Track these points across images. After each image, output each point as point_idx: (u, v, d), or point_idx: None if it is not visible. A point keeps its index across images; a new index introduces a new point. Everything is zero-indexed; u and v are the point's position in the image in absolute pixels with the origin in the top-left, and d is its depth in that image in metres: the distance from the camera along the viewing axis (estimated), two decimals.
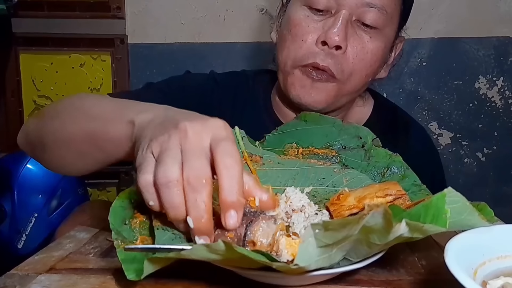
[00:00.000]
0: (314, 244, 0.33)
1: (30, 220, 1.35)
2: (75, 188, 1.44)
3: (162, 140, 0.42)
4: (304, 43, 0.72)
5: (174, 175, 0.39)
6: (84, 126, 0.57)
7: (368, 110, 0.88)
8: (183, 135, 0.41)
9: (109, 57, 1.54)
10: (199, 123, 0.43)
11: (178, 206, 0.40)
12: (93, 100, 0.63)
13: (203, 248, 0.34)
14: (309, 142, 0.64)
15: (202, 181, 0.39)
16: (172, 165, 0.40)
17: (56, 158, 0.63)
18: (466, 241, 0.37)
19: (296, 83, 0.74)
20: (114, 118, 0.53)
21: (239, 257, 0.34)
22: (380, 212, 0.30)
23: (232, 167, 0.40)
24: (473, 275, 0.35)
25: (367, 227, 0.32)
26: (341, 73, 0.72)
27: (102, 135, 0.54)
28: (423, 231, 0.34)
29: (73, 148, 0.59)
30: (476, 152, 1.56)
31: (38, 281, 0.46)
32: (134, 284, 0.44)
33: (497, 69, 1.51)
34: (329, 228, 0.31)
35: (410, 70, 1.53)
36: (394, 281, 0.46)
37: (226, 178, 0.39)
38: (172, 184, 0.39)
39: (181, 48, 1.53)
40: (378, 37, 0.73)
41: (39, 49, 1.56)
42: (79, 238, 0.58)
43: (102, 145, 0.55)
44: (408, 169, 0.60)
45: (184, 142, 0.41)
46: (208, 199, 0.39)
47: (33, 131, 0.67)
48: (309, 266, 0.35)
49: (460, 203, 0.37)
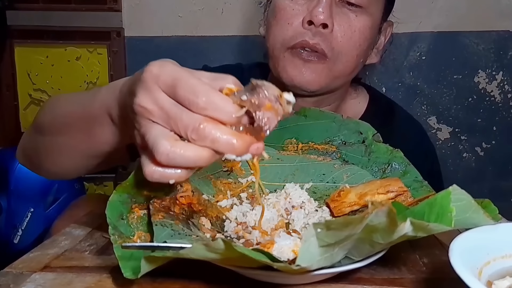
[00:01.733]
0: (316, 243, 0.32)
1: (26, 215, 1.34)
2: (71, 182, 1.42)
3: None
4: (290, 25, 0.72)
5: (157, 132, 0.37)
6: (68, 117, 0.57)
7: (363, 104, 0.87)
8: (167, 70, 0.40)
9: (105, 50, 1.53)
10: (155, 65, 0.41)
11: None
12: (68, 96, 0.65)
13: (202, 247, 0.33)
14: (309, 138, 0.63)
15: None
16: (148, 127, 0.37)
17: (48, 163, 0.64)
18: (470, 240, 0.36)
19: (287, 65, 0.73)
20: (96, 95, 0.52)
21: (238, 256, 0.33)
22: (384, 210, 0.29)
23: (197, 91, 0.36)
24: (478, 274, 0.34)
25: (371, 226, 0.31)
26: (331, 51, 0.71)
27: (86, 114, 0.53)
28: (428, 230, 0.33)
29: (63, 145, 0.59)
30: (475, 147, 1.55)
31: (32, 280, 0.45)
32: (131, 283, 0.43)
33: (497, 63, 1.50)
34: (331, 227, 0.30)
35: (410, 64, 1.51)
36: (396, 280, 0.45)
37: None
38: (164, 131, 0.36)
39: (178, 42, 1.51)
40: (363, 16, 0.72)
41: (35, 42, 1.53)
42: (74, 235, 0.57)
43: (87, 126, 0.53)
44: (410, 165, 0.60)
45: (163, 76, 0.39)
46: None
47: (27, 145, 0.69)
48: (311, 266, 0.34)
49: (465, 201, 0.36)
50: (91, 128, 0.53)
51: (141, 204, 0.49)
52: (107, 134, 0.51)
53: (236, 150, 0.35)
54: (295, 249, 0.42)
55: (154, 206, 0.48)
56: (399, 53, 1.51)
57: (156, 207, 0.48)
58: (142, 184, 0.50)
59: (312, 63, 0.71)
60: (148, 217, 0.48)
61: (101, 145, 0.54)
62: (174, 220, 0.46)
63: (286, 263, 0.34)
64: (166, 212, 0.47)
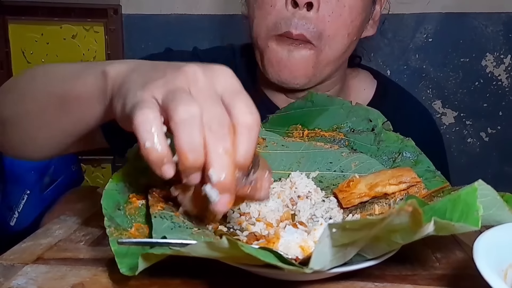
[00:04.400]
0: (329, 244, 0.30)
1: (22, 197, 1.32)
2: (68, 164, 1.40)
3: (164, 82, 0.35)
4: (273, 8, 0.66)
5: (195, 110, 0.33)
6: (46, 89, 0.51)
7: (369, 91, 0.83)
8: (192, 79, 0.35)
9: (102, 28, 1.48)
10: (209, 67, 0.37)
11: (199, 148, 0.33)
12: (53, 65, 0.57)
13: (204, 246, 0.31)
14: (315, 124, 0.60)
15: (226, 129, 0.34)
16: (190, 100, 0.33)
17: (19, 134, 0.56)
18: (495, 239, 0.34)
19: (272, 57, 0.67)
20: (79, 74, 0.47)
21: (244, 255, 0.31)
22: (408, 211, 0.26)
23: (252, 128, 0.35)
24: (503, 277, 0.32)
25: (390, 226, 0.28)
26: (318, 38, 0.65)
27: (67, 93, 0.47)
28: (453, 230, 0.30)
29: (36, 118, 0.52)
30: (479, 132, 1.52)
31: (23, 273, 0.42)
32: (127, 277, 0.40)
33: (506, 46, 1.46)
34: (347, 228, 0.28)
35: (416, 46, 1.48)
36: (408, 276, 0.43)
37: (245, 140, 0.34)
38: (195, 120, 0.33)
39: (177, 20, 1.47)
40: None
41: (29, 18, 1.49)
42: (69, 224, 0.54)
43: (67, 105, 0.48)
44: (421, 154, 0.57)
45: (194, 86, 0.35)
46: (233, 151, 0.34)
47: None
48: (324, 267, 0.32)
49: (490, 197, 0.33)
50: (68, 106, 0.48)
51: (139, 194, 0.46)
52: (90, 114, 0.47)
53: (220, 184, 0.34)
54: (303, 245, 0.40)
55: (153, 196, 0.45)
56: (405, 35, 1.47)
57: (155, 196, 0.45)
58: (140, 172, 0.47)
59: (297, 52, 0.66)
60: (147, 208, 0.45)
61: (81, 123, 0.49)
62: (174, 212, 0.43)
63: (296, 264, 0.31)
64: (165, 202, 0.45)
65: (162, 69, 0.38)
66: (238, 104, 0.35)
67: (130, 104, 0.36)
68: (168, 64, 0.39)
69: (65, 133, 0.52)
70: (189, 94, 0.34)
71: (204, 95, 0.35)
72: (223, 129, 0.34)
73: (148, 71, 0.40)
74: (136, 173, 0.48)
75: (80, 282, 0.41)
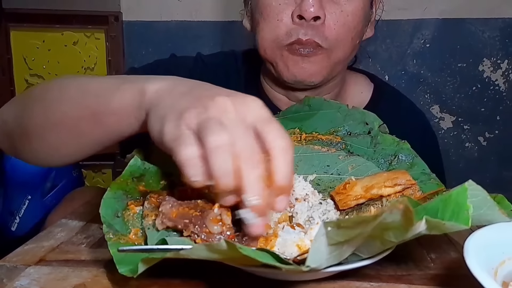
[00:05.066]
0: (325, 242, 0.30)
1: (23, 203, 1.33)
2: (69, 169, 1.41)
3: (198, 112, 0.38)
4: (280, 22, 0.69)
5: (226, 138, 0.36)
6: (80, 101, 0.51)
7: (367, 94, 0.85)
8: (223, 110, 0.38)
9: (103, 35, 1.50)
10: (239, 98, 0.40)
11: (230, 173, 0.36)
12: (86, 78, 0.57)
13: (203, 248, 0.32)
14: (312, 128, 0.61)
15: (258, 156, 0.37)
16: (222, 130, 0.36)
17: (45, 145, 0.56)
18: (485, 238, 0.35)
19: (288, 63, 0.71)
20: (116, 89, 0.48)
21: (242, 256, 0.32)
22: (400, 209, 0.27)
23: (287, 151, 0.38)
24: (493, 275, 0.32)
25: (383, 224, 0.29)
26: (326, 41, 0.69)
27: (103, 107, 0.48)
28: (443, 229, 0.31)
29: (68, 128, 0.53)
30: (477, 137, 1.53)
31: (26, 274, 0.43)
32: (128, 278, 0.41)
33: (502, 51, 1.47)
34: (342, 226, 0.28)
35: (413, 52, 1.49)
36: (403, 276, 0.44)
37: (282, 162, 0.37)
38: (226, 148, 0.36)
39: (177, 26, 1.48)
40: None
41: (31, 26, 1.50)
42: (71, 226, 0.55)
43: (102, 119, 0.49)
44: (417, 157, 0.58)
45: (226, 117, 0.38)
46: (271, 174, 0.37)
47: (12, 120, 0.60)
48: (320, 266, 0.33)
49: (481, 196, 0.34)
50: (104, 120, 0.49)
51: (137, 200, 0.47)
52: (124, 128, 0.49)
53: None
54: (299, 244, 0.40)
55: (151, 202, 0.46)
56: (403, 40, 1.48)
57: (153, 202, 0.46)
58: (137, 179, 0.48)
59: (311, 56, 0.69)
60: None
61: (113, 134, 0.51)
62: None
63: (292, 264, 0.32)
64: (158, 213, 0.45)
65: (197, 97, 0.40)
66: (271, 131, 0.38)
67: (170, 134, 0.39)
68: (202, 91, 0.42)
69: (96, 144, 0.53)
70: (221, 124, 0.37)
71: (235, 125, 0.37)
72: (255, 156, 0.37)
73: (183, 96, 0.42)
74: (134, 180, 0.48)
75: (82, 283, 0.42)
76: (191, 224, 0.40)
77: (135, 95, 0.46)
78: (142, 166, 0.48)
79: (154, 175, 0.49)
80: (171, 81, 0.45)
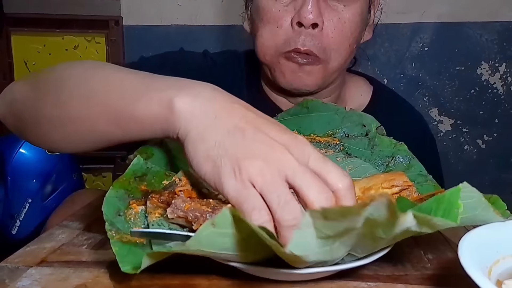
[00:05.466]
0: (313, 234, 0.31)
1: (24, 206, 1.33)
2: (69, 173, 1.42)
3: (259, 167, 0.37)
4: (279, 29, 0.70)
5: (300, 214, 0.36)
6: (101, 100, 0.49)
7: (366, 96, 0.86)
8: (285, 160, 0.38)
9: (103, 39, 1.51)
10: (294, 143, 0.39)
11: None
12: (109, 70, 0.53)
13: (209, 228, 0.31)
14: (310, 130, 0.62)
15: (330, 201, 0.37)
16: (294, 203, 0.36)
17: (58, 135, 0.54)
18: (479, 238, 0.35)
19: (285, 70, 0.72)
20: (142, 95, 0.45)
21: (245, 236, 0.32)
22: (383, 202, 0.28)
23: (351, 188, 0.39)
24: (487, 273, 0.33)
25: (371, 220, 0.30)
26: (323, 52, 0.70)
27: (127, 113, 0.46)
28: (432, 225, 0.32)
29: (85, 125, 0.51)
30: (476, 139, 1.54)
31: (28, 275, 0.44)
32: (129, 278, 0.42)
33: (500, 55, 1.48)
34: (328, 215, 0.29)
35: (412, 55, 1.50)
36: (400, 276, 0.44)
37: (350, 200, 0.39)
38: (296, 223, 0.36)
39: (177, 30, 1.50)
40: (352, 3, 0.70)
41: (32, 30, 1.51)
42: (72, 228, 0.56)
43: (124, 124, 0.47)
44: (414, 159, 0.58)
45: (288, 168, 0.37)
46: None
47: (23, 100, 0.57)
48: (307, 256, 0.33)
49: (475, 198, 0.35)
50: (126, 125, 0.47)
51: (139, 200, 0.48)
52: (146, 135, 0.47)
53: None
54: None
55: (152, 202, 0.46)
56: (402, 44, 1.49)
57: (154, 202, 0.46)
58: (139, 179, 0.49)
59: (307, 66, 0.70)
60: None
61: (133, 138, 0.49)
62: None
63: (278, 241, 0.33)
64: (164, 208, 0.46)
65: (250, 139, 0.39)
66: (331, 172, 0.39)
67: (233, 191, 0.38)
68: (253, 129, 0.40)
69: (113, 142, 0.51)
70: (291, 194, 0.37)
71: (301, 171, 0.37)
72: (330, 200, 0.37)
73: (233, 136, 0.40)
74: (136, 180, 0.49)
75: (83, 283, 0.42)
76: (201, 217, 0.40)
77: (162, 108, 0.43)
78: (144, 165, 0.49)
79: (156, 175, 0.50)
80: (202, 100, 0.42)
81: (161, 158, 0.53)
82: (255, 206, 0.37)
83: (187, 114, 0.42)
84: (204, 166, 0.40)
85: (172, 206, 0.43)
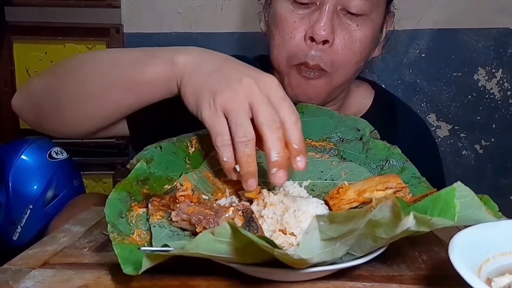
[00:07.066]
0: (318, 236, 0.32)
1: (25, 212, 1.34)
2: (70, 179, 1.42)
3: (229, 97, 0.48)
4: (293, 40, 0.72)
5: (252, 134, 0.47)
6: (115, 72, 0.59)
7: (367, 101, 0.87)
8: (250, 90, 0.49)
9: (104, 46, 1.52)
10: (261, 77, 0.51)
11: (253, 159, 0.48)
12: (116, 51, 0.68)
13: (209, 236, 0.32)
14: (306, 134, 0.62)
15: (278, 124, 0.48)
16: (248, 125, 0.47)
17: (78, 114, 0.63)
18: (470, 237, 0.36)
19: (293, 82, 0.74)
20: (148, 60, 0.57)
21: (242, 246, 0.33)
22: (388, 205, 0.29)
23: (297, 122, 0.50)
24: (477, 272, 0.34)
25: (374, 221, 0.31)
26: (331, 67, 0.71)
27: (137, 78, 0.57)
28: (431, 224, 0.33)
29: (102, 97, 0.61)
30: (474, 144, 1.55)
31: (31, 276, 0.45)
32: (130, 279, 0.43)
33: (497, 61, 1.50)
34: (334, 220, 0.30)
35: (409, 62, 1.51)
36: (395, 277, 0.45)
37: (296, 130, 0.49)
38: (251, 142, 0.47)
39: (177, 38, 1.51)
40: (365, 24, 0.72)
41: (33, 38, 1.53)
42: (73, 231, 0.57)
43: (136, 88, 0.58)
44: (407, 162, 0.59)
45: (252, 95, 0.48)
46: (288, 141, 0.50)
47: (41, 90, 0.67)
48: (312, 258, 0.34)
49: (469, 197, 0.36)
50: (137, 89, 0.58)
51: (141, 203, 0.49)
52: (156, 96, 0.59)
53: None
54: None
55: (154, 205, 0.47)
56: (399, 50, 1.51)
57: (156, 205, 0.48)
58: (142, 182, 0.50)
59: (314, 80, 0.72)
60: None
61: (144, 101, 0.60)
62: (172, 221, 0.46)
63: (282, 249, 0.34)
64: (165, 211, 0.47)
65: (225, 78, 0.51)
66: (284, 108, 0.49)
67: (207, 117, 0.50)
68: (229, 71, 0.52)
69: (127, 109, 0.62)
70: (247, 112, 0.48)
71: (260, 101, 0.49)
72: (276, 124, 0.48)
73: (213, 74, 0.52)
74: (138, 183, 0.50)
75: (85, 284, 0.43)
76: (204, 220, 0.42)
77: (166, 66, 0.55)
78: (147, 170, 0.50)
79: (158, 179, 0.51)
80: (197, 54, 0.55)
81: (161, 162, 0.54)
82: (220, 132, 0.48)
83: (184, 68, 0.54)
84: (190, 99, 0.52)
85: (177, 210, 0.45)
